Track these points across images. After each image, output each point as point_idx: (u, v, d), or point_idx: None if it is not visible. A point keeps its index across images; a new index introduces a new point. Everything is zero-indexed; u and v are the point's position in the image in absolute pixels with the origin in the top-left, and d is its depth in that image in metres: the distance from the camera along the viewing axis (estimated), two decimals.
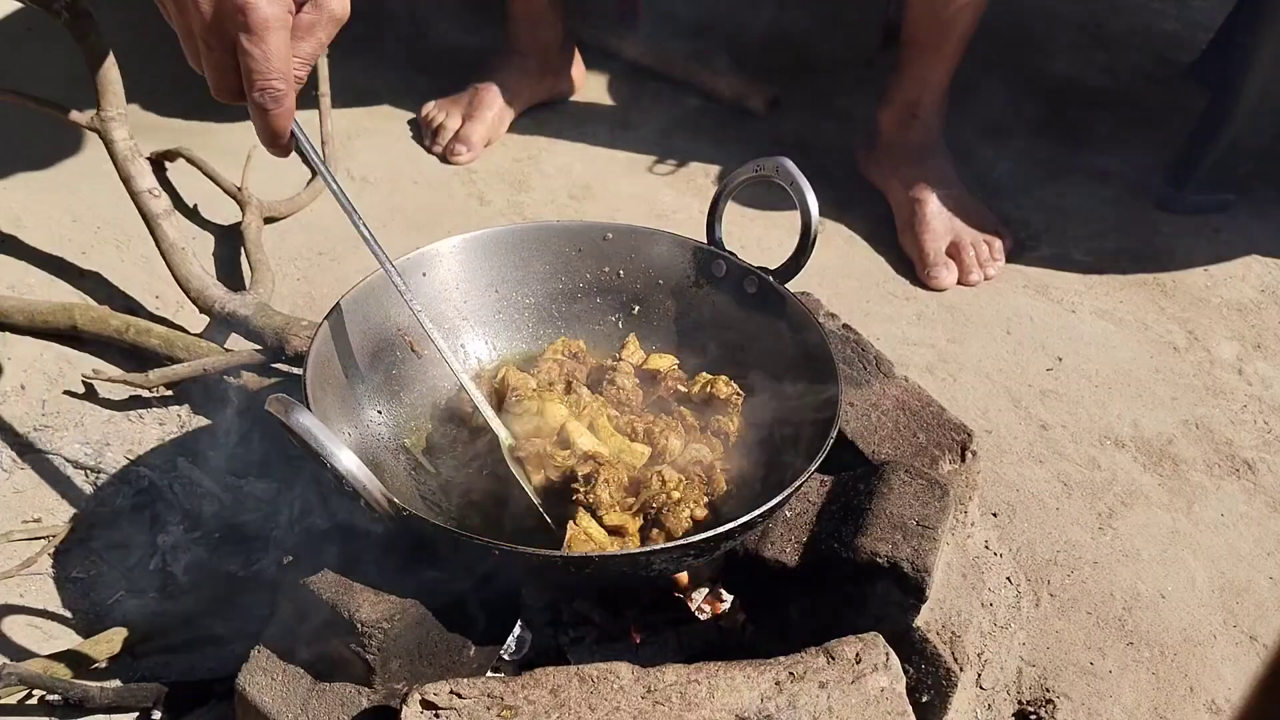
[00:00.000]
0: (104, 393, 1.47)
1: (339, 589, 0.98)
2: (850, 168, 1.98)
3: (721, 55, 2.26)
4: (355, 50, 2.20)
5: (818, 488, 1.12)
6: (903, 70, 1.87)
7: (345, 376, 1.13)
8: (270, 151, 0.96)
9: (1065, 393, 1.59)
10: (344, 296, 1.15)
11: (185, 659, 1.20)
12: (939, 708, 1.09)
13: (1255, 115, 1.83)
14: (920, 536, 1.02)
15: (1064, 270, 1.82)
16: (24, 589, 1.26)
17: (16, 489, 1.36)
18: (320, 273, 1.71)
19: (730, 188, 1.22)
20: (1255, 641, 1.27)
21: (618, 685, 0.93)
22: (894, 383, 1.24)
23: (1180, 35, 2.51)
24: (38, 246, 1.70)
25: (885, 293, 1.76)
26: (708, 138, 2.08)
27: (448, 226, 1.81)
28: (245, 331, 1.44)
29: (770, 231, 1.84)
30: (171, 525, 1.32)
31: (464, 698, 0.91)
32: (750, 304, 1.22)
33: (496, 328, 1.27)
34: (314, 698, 0.98)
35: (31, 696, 1.14)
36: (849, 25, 2.48)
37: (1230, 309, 1.76)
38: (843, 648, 0.98)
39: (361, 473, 0.91)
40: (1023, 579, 1.31)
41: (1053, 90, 2.30)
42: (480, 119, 1.98)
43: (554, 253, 1.28)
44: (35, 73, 2.01)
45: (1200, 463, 1.49)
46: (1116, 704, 1.19)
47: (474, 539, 0.99)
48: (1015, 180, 2.02)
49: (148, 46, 2.12)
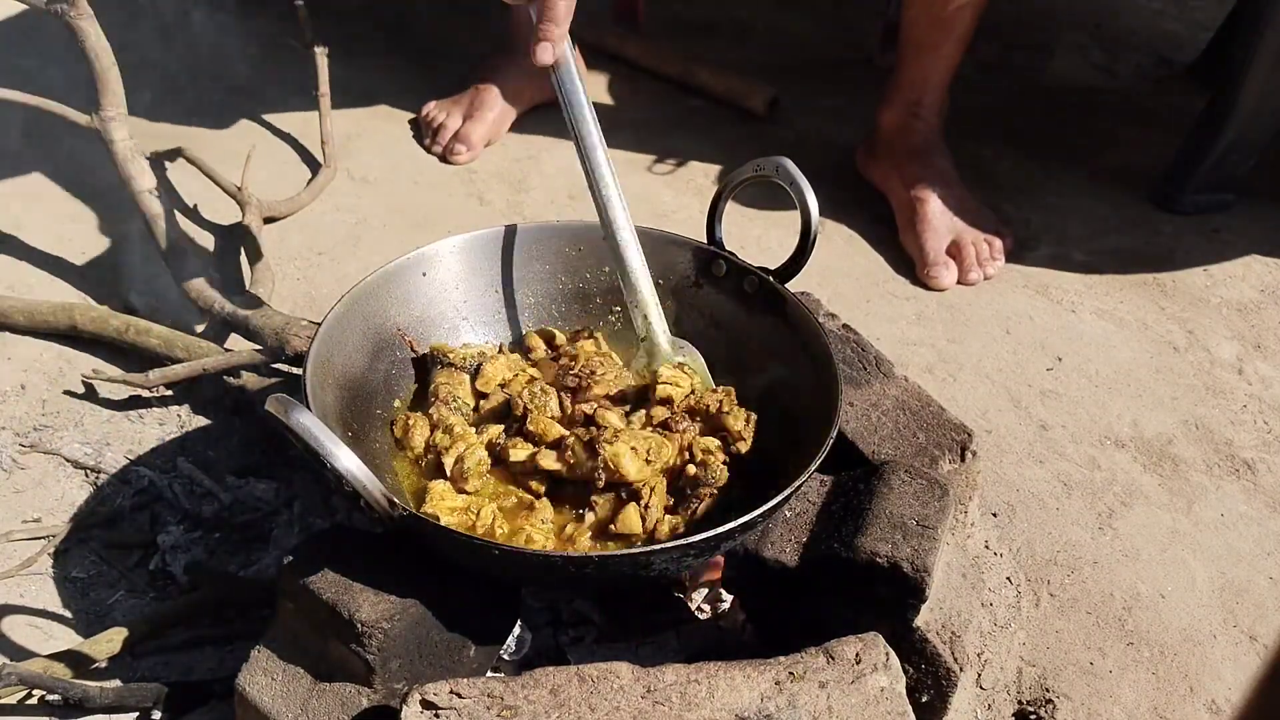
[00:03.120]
0: (104, 393, 1.48)
1: (339, 589, 0.98)
2: (850, 168, 1.98)
3: (721, 55, 2.26)
4: (355, 50, 2.21)
5: (818, 488, 1.12)
6: (903, 70, 1.87)
7: (345, 376, 1.13)
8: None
9: (1065, 393, 1.59)
10: (344, 296, 1.15)
11: (185, 659, 1.20)
12: (939, 708, 1.09)
13: (1255, 115, 1.83)
14: (920, 536, 1.03)
15: (1064, 270, 1.82)
16: (24, 589, 1.26)
17: (16, 489, 1.37)
18: (320, 273, 1.71)
19: (730, 188, 1.22)
20: (1255, 641, 1.27)
21: (618, 685, 0.93)
22: (894, 383, 1.24)
23: (1180, 35, 2.51)
24: (38, 246, 1.70)
25: (885, 293, 1.76)
26: (708, 138, 2.08)
27: (448, 226, 1.81)
28: (245, 331, 1.44)
29: (770, 231, 1.84)
30: (171, 525, 1.32)
31: (464, 698, 0.91)
32: (750, 304, 1.22)
33: (496, 328, 1.27)
34: (314, 698, 0.98)
35: (31, 696, 1.14)
36: (849, 25, 2.48)
37: (1230, 309, 1.76)
38: (843, 648, 0.98)
39: (361, 473, 0.91)
40: (1023, 579, 1.31)
41: (1053, 90, 2.31)
42: (481, 119, 1.98)
43: (554, 253, 1.28)
44: (35, 73, 2.01)
45: (1200, 463, 1.49)
46: (1116, 704, 1.19)
47: (473, 539, 1.00)
48: (1015, 180, 2.02)
49: (148, 47, 2.13)
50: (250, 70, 2.15)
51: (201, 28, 2.27)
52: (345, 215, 1.84)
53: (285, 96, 2.07)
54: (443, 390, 1.17)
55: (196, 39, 2.23)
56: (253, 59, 2.18)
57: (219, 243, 1.76)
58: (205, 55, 2.18)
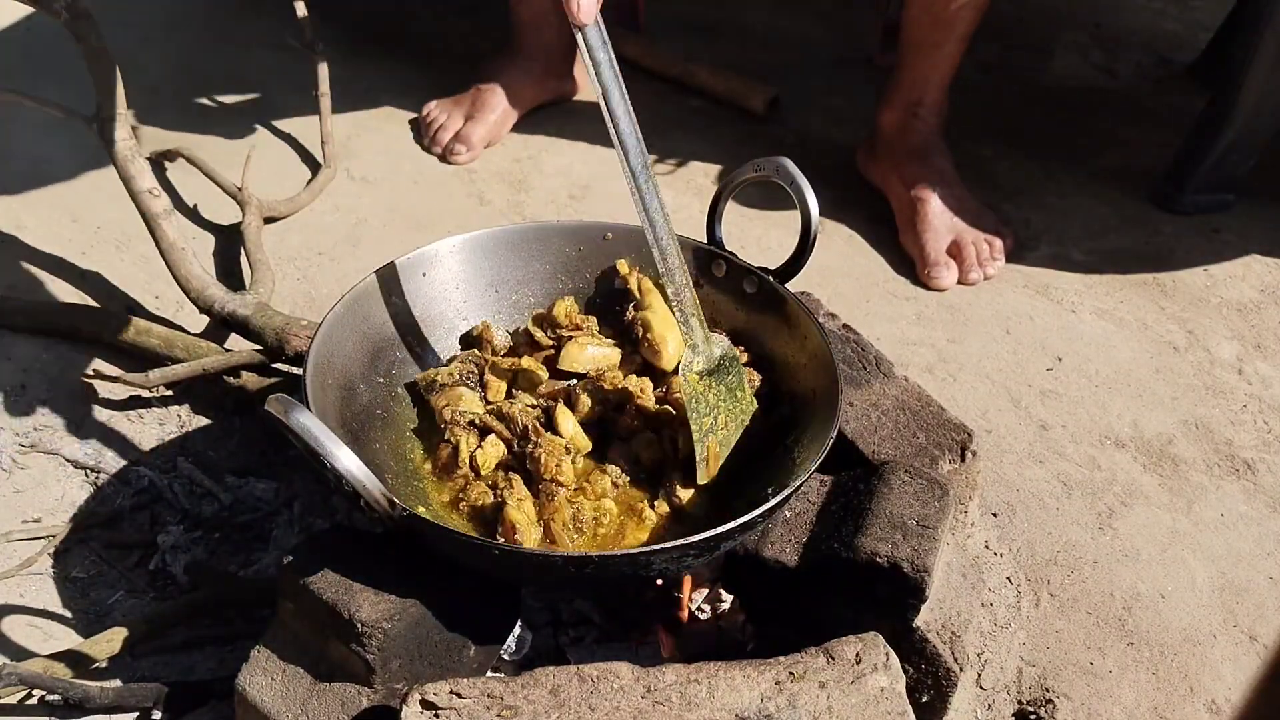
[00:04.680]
0: (104, 393, 1.48)
1: (339, 589, 0.98)
2: (850, 168, 1.98)
3: (721, 55, 2.26)
4: (355, 50, 2.21)
5: (818, 488, 1.12)
6: (903, 70, 1.87)
7: (345, 376, 1.13)
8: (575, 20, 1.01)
9: (1065, 393, 1.59)
10: (344, 296, 1.15)
11: (185, 659, 1.20)
12: (939, 708, 1.09)
13: (1255, 115, 1.83)
14: (920, 536, 1.03)
15: (1064, 270, 1.82)
16: (24, 589, 1.26)
17: (16, 489, 1.37)
18: (320, 273, 1.71)
19: (730, 188, 1.22)
20: (1255, 641, 1.27)
21: (618, 685, 0.93)
22: (894, 383, 1.24)
23: (1180, 35, 2.51)
24: (38, 246, 1.70)
25: (885, 293, 1.76)
26: (708, 138, 2.08)
27: (448, 226, 1.81)
28: (245, 331, 1.44)
29: (770, 231, 1.84)
30: (171, 525, 1.32)
31: (464, 698, 0.91)
32: (750, 304, 1.22)
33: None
34: (314, 698, 0.98)
35: (31, 696, 1.14)
36: (849, 25, 2.48)
37: (1230, 309, 1.76)
38: (843, 648, 0.98)
39: (361, 473, 0.91)
40: (1023, 579, 1.31)
41: (1053, 90, 2.31)
42: (482, 120, 1.98)
43: (554, 253, 1.28)
44: (35, 73, 2.01)
45: (1200, 463, 1.49)
46: (1116, 704, 1.19)
47: (473, 539, 1.00)
48: (1015, 180, 2.02)
49: (148, 47, 2.13)
50: (251, 70, 2.15)
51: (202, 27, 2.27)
52: (345, 215, 1.84)
53: (285, 96, 2.07)
54: (447, 413, 1.16)
55: (196, 39, 2.23)
56: (253, 59, 2.18)
57: (219, 243, 1.76)
58: (206, 55, 2.18)
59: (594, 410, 1.16)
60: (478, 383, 1.19)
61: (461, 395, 1.17)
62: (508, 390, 1.20)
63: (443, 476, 1.12)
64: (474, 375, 1.19)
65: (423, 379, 1.19)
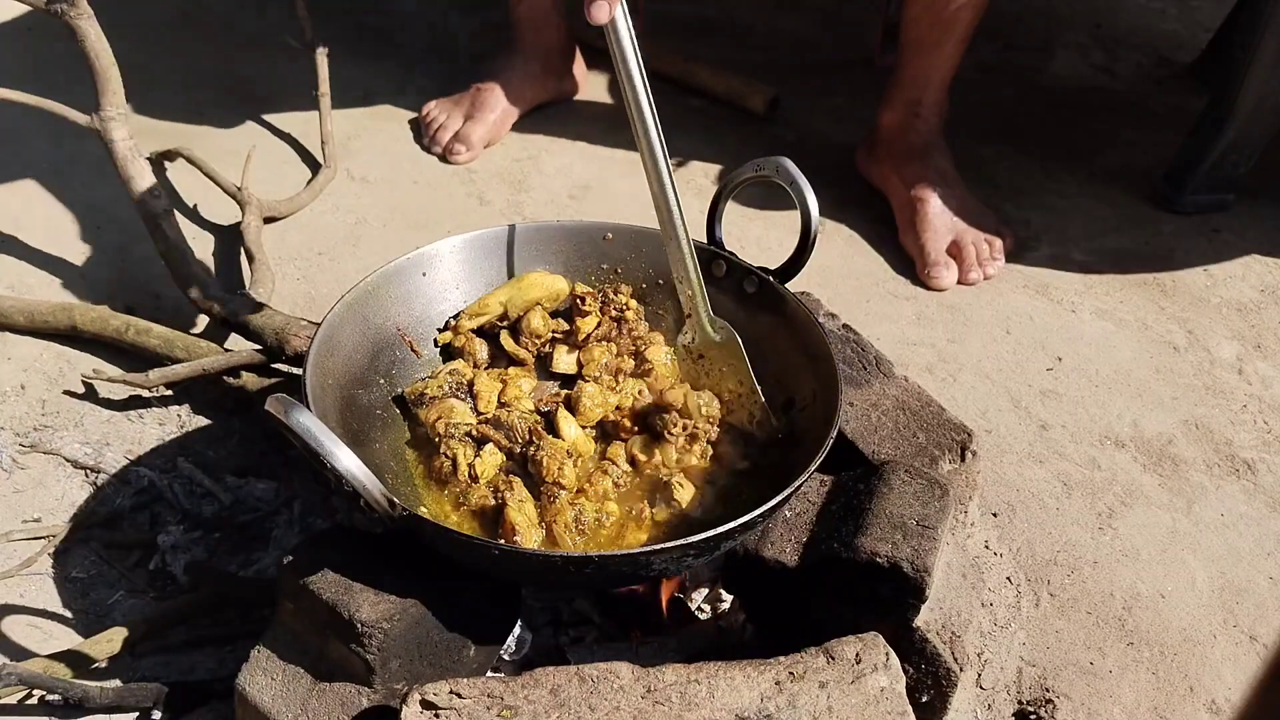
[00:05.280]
0: (104, 393, 1.48)
1: (339, 589, 0.98)
2: (850, 168, 1.98)
3: (721, 55, 2.26)
4: (355, 50, 2.21)
5: (818, 488, 1.12)
6: (903, 70, 1.87)
7: (345, 376, 1.13)
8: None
9: (1065, 393, 1.59)
10: (344, 296, 1.15)
11: (185, 659, 1.20)
12: (939, 708, 1.09)
13: (1255, 115, 1.83)
14: (920, 536, 1.03)
15: (1064, 270, 1.82)
16: (24, 589, 1.26)
17: (16, 489, 1.37)
18: (320, 273, 1.71)
19: (730, 188, 1.22)
20: (1255, 641, 1.27)
21: (618, 685, 0.93)
22: (894, 383, 1.24)
23: (1180, 35, 2.51)
24: (38, 246, 1.70)
25: (885, 293, 1.76)
26: (708, 138, 2.08)
27: (448, 226, 1.81)
28: (245, 331, 1.44)
29: (770, 231, 1.84)
30: (171, 525, 1.32)
31: (464, 698, 0.91)
32: (750, 304, 1.22)
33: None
34: (314, 698, 0.98)
35: (31, 696, 1.14)
36: (849, 25, 2.48)
37: (1230, 309, 1.76)
38: (843, 648, 0.98)
39: (361, 472, 0.91)
40: (1023, 579, 1.31)
41: (1053, 90, 2.30)
42: (482, 120, 1.98)
43: (554, 253, 1.28)
44: (35, 73, 2.01)
45: (1200, 463, 1.49)
46: (1116, 704, 1.19)
47: (473, 539, 1.00)
48: (1015, 180, 2.02)
49: (148, 46, 2.13)
50: (251, 70, 2.15)
51: (201, 27, 2.27)
52: (345, 215, 1.84)
53: (285, 96, 2.07)
54: (441, 426, 1.15)
55: (196, 39, 2.23)
56: (253, 58, 2.18)
57: (219, 243, 1.76)
58: (205, 55, 2.18)
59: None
60: (467, 393, 1.19)
61: (453, 407, 1.16)
62: (498, 399, 1.20)
63: (440, 487, 1.12)
64: (463, 386, 1.19)
65: (411, 392, 1.19)
